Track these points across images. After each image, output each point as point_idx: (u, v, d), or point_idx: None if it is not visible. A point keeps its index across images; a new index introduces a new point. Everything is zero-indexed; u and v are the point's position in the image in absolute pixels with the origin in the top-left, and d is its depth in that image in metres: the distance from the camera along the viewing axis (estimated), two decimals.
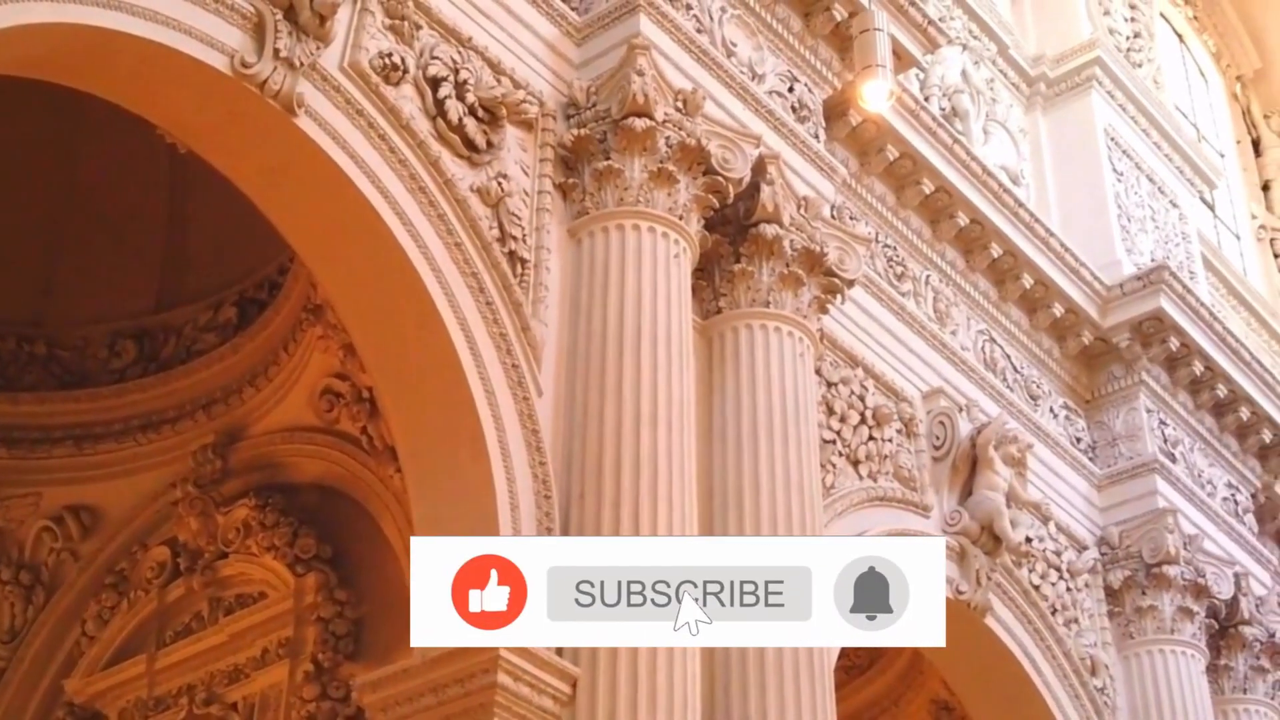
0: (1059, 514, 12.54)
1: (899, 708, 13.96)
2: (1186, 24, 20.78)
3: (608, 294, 8.85)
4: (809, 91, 10.79)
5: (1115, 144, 14.83)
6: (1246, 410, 14.14)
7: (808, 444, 9.55)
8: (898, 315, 11.78)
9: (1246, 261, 19.92)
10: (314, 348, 11.38)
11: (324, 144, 8.15)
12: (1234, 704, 13.15)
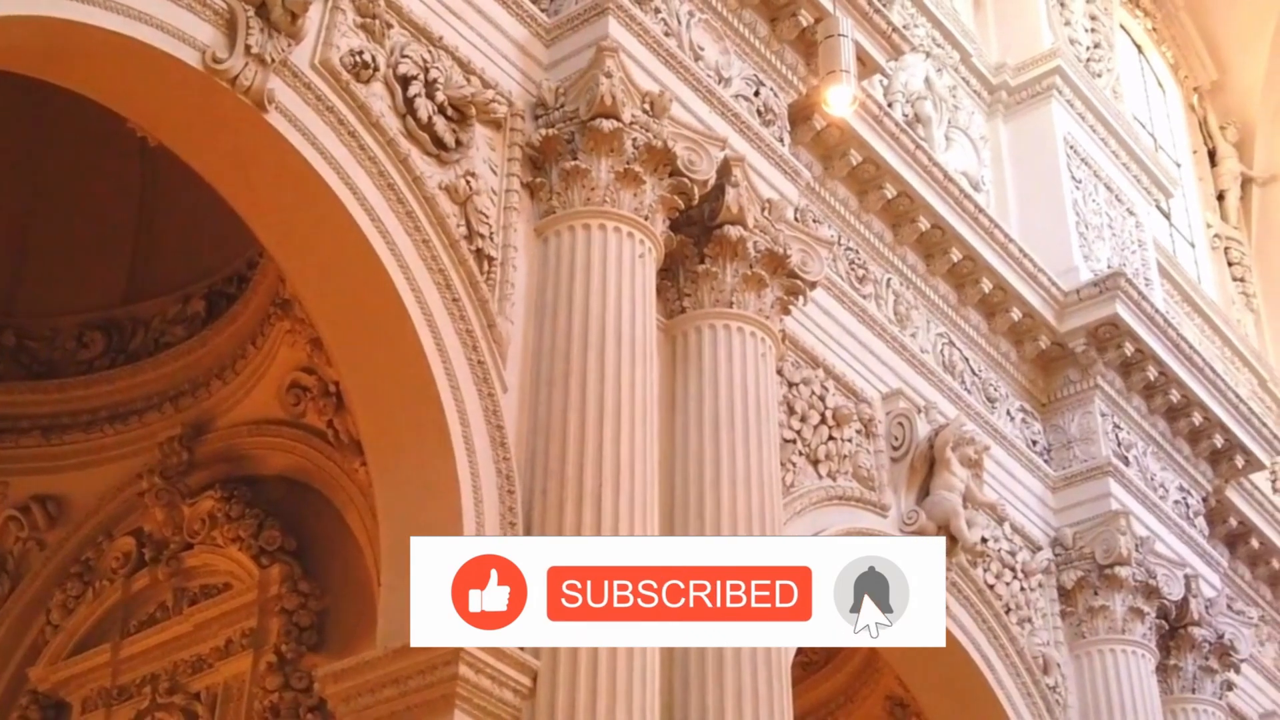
0: (1014, 515, 12.71)
1: (854, 704, 14.10)
2: (1145, 35, 21.00)
3: (573, 292, 8.96)
4: (774, 96, 10.93)
5: (1074, 152, 15.00)
6: (1199, 415, 14.33)
7: (768, 443, 9.67)
8: (859, 317, 11.93)
9: (1201, 269, 20.15)
10: (281, 341, 11.44)
11: (294, 140, 8.22)
12: (1182, 703, 13.33)
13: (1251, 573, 16.34)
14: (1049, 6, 15.77)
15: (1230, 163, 21.33)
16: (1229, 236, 21.02)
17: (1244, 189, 21.40)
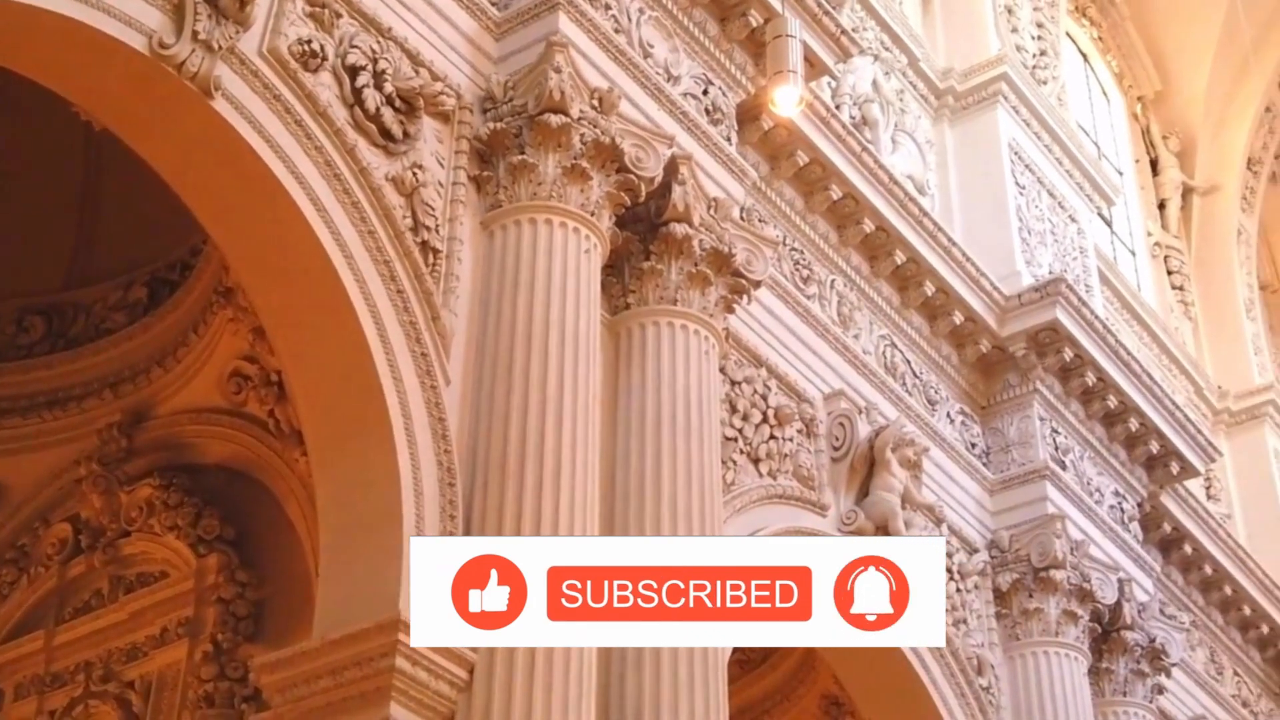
0: (952, 516, 12.80)
1: (790, 702, 14.17)
2: (1091, 44, 21.20)
3: (518, 286, 8.97)
4: (723, 95, 10.97)
5: (1018, 158, 15.13)
6: (1135, 421, 14.47)
7: (710, 440, 9.72)
8: (802, 318, 11.99)
9: (1141, 277, 20.37)
10: (224, 330, 11.38)
11: (240, 127, 8.19)
12: (1114, 706, 13.47)
13: (1184, 578, 16.54)
14: (996, 13, 15.89)
15: (1172, 172, 21.55)
16: (1169, 245, 21.24)
17: (1185, 198, 21.63)
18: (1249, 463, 19.92)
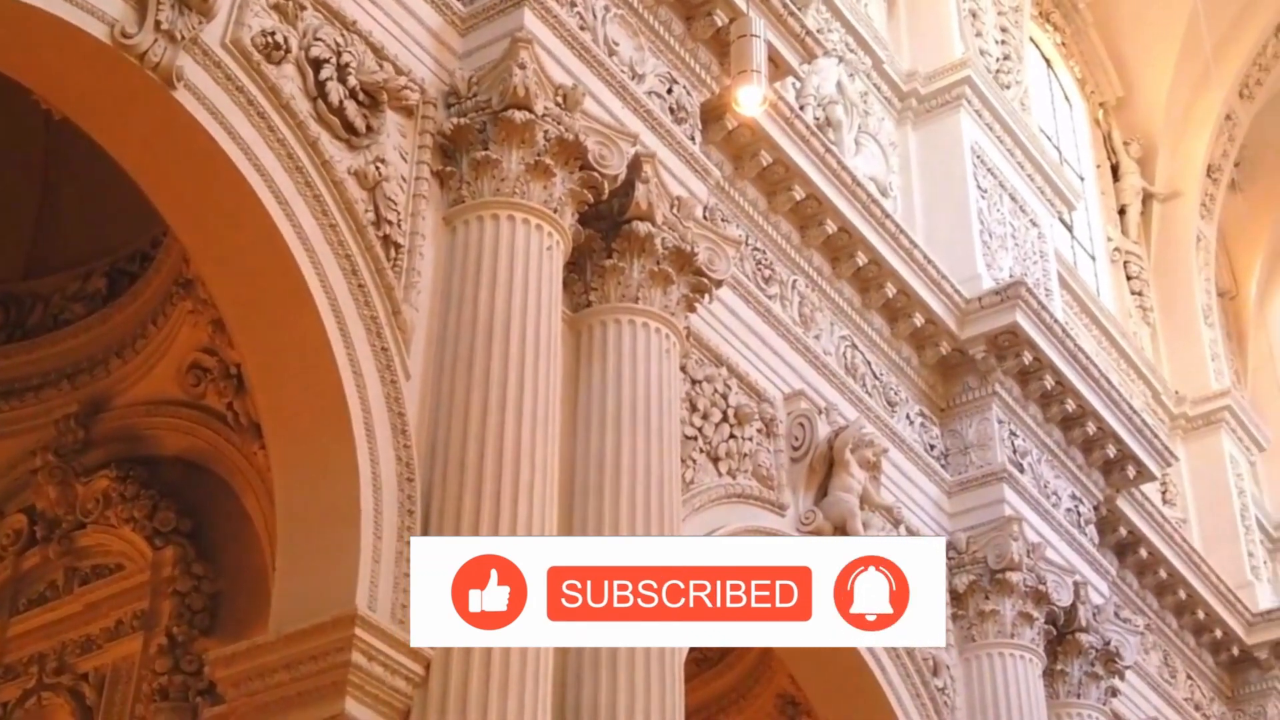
0: (910, 518, 12.85)
1: (747, 701, 14.20)
2: (1055, 50, 21.31)
3: (480, 282, 8.96)
4: (687, 94, 10.98)
5: (981, 162, 15.19)
6: (1093, 425, 14.56)
7: (669, 439, 9.73)
8: (763, 317, 12.02)
9: (1100, 282, 20.49)
10: (183, 322, 11.33)
11: (202, 119, 8.15)
12: (1067, 708, 13.54)
13: (1139, 581, 16.66)
14: (961, 17, 15.95)
15: (1133, 178, 21.69)
16: (1129, 251, 21.37)
17: (1145, 204, 21.77)
18: (1205, 468, 20.07)
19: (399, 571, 8.06)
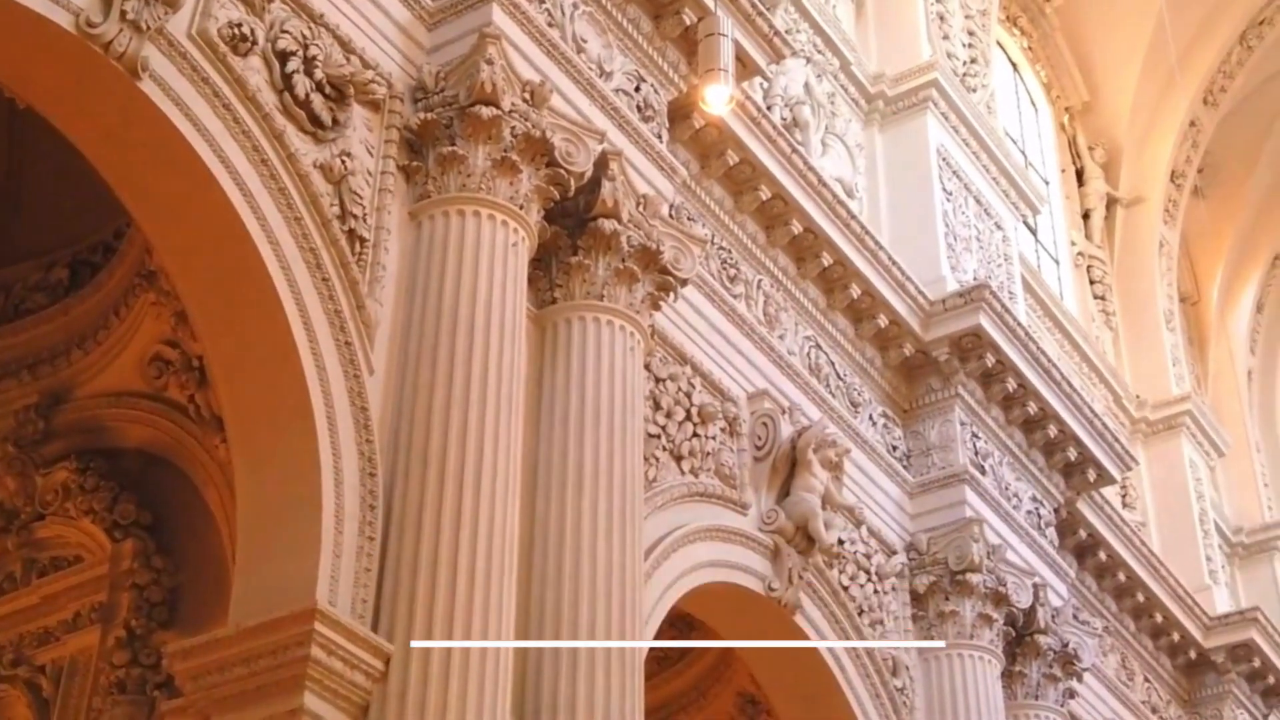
0: (871, 518, 12.90)
1: (706, 700, 14.20)
2: (1021, 54, 21.42)
3: (444, 278, 8.94)
4: (655, 92, 10.98)
5: (946, 164, 15.25)
6: (1054, 428, 14.63)
7: (633, 437, 9.73)
8: (728, 317, 12.04)
9: (1064, 286, 20.61)
10: (146, 313, 11.26)
11: (167, 110, 8.10)
12: (1025, 709, 13.60)
13: (1098, 584, 16.76)
14: (929, 20, 16.01)
15: (1097, 183, 21.81)
16: (1092, 255, 21.50)
17: (1109, 209, 21.91)
18: (1164, 472, 20.21)
19: (360, 566, 8.05)
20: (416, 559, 8.06)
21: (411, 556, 8.08)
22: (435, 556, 8.05)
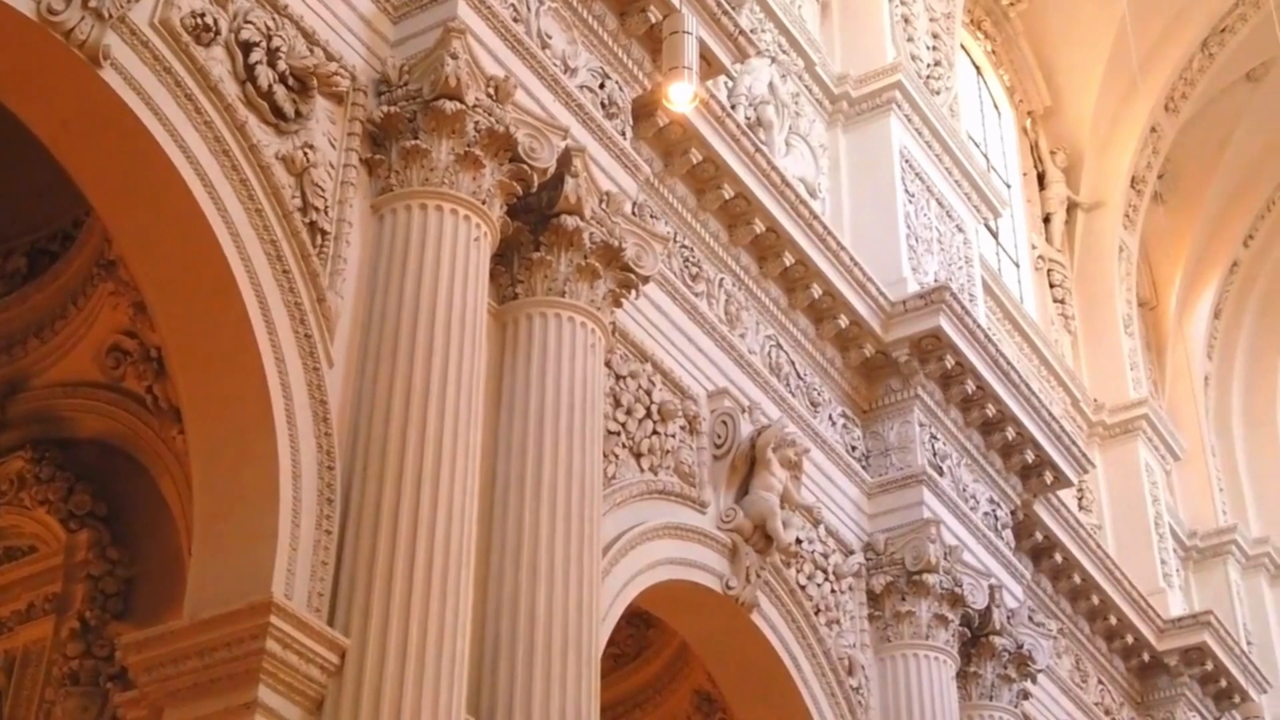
0: (829, 518, 12.94)
1: (663, 697, 14.21)
2: (985, 58, 21.52)
3: (406, 271, 8.92)
4: (619, 89, 10.99)
5: (909, 166, 15.30)
6: (1012, 430, 14.70)
7: (592, 433, 9.74)
8: (690, 315, 12.06)
9: (1023, 289, 20.71)
10: (104, 303, 11.19)
11: (128, 99, 8.05)
12: (980, 710, 13.67)
13: (1053, 586, 16.85)
14: (893, 22, 16.06)
15: (1058, 187, 21.93)
16: (1052, 259, 21.62)
17: (1069, 213, 22.03)
18: (1120, 475, 20.34)
19: (316, 559, 8.03)
20: (374, 553, 8.05)
21: (369, 550, 8.06)
22: (393, 551, 8.04)
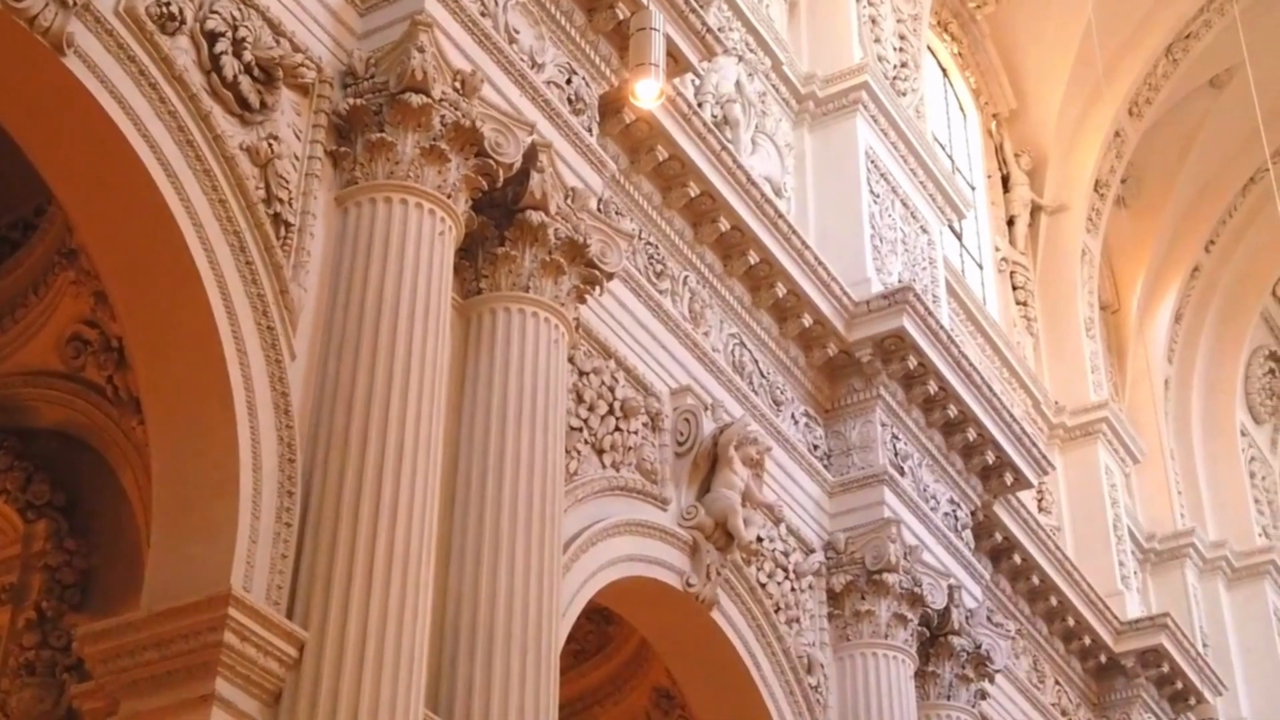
0: (791, 517, 12.97)
1: (622, 693, 14.21)
2: (951, 60, 21.59)
3: (370, 264, 8.90)
4: (586, 86, 10.98)
5: (874, 167, 15.34)
6: (973, 431, 14.76)
7: (554, 429, 9.74)
8: (654, 312, 12.06)
9: (987, 291, 20.79)
10: (65, 292, 11.12)
11: (91, 87, 7.99)
12: (937, 709, 13.72)
13: (1012, 587, 16.93)
14: (860, 23, 16.10)
15: (1022, 190, 22.02)
16: (1015, 261, 21.71)
17: (1033, 216, 22.12)
18: (1080, 478, 20.44)
19: (275, 553, 8.00)
20: (334, 546, 8.03)
21: (329, 543, 8.04)
22: (353, 544, 8.02)
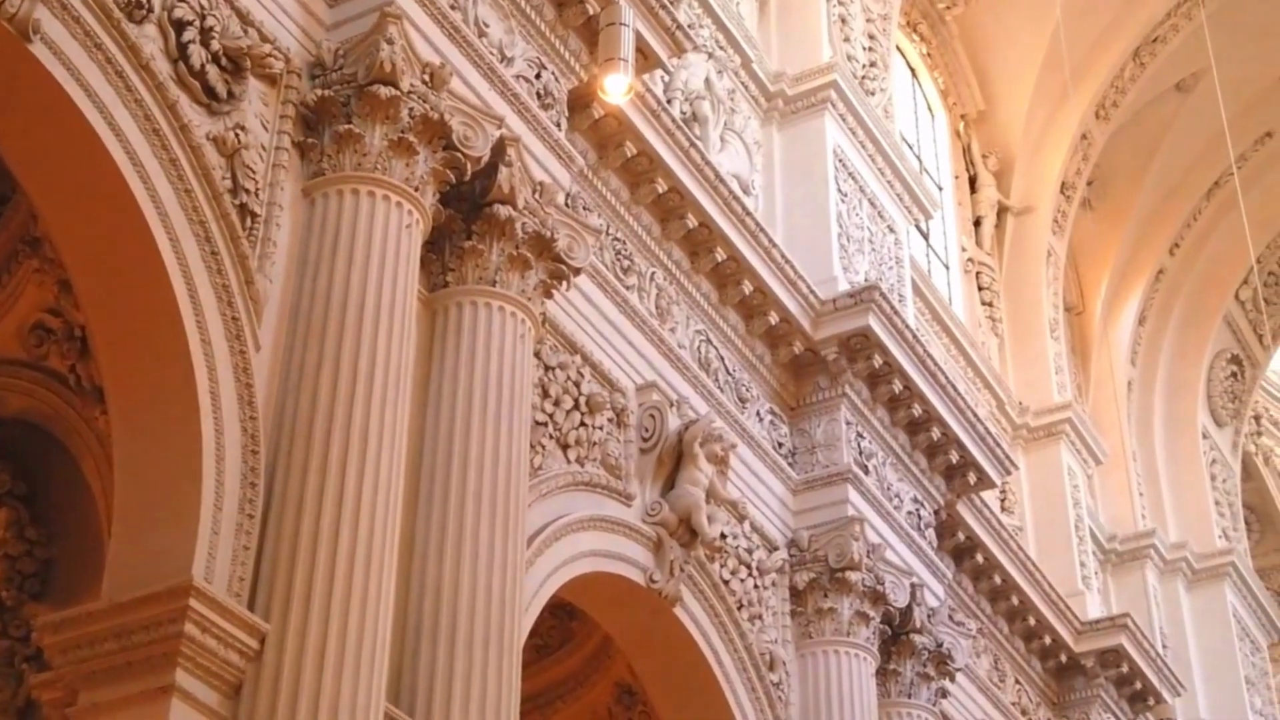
0: (754, 514, 12.99)
1: (584, 688, 14.20)
2: (920, 60, 21.66)
3: (336, 256, 8.88)
4: (555, 80, 10.98)
5: (842, 166, 15.37)
6: (938, 431, 14.81)
7: (519, 424, 9.73)
8: (620, 308, 12.07)
9: (952, 291, 20.86)
10: (28, 280, 11.03)
11: (58, 74, 7.95)
12: (898, 707, 13.77)
13: (974, 586, 17.01)
14: (830, 22, 16.13)
15: (989, 191, 22.10)
16: (981, 262, 21.79)
17: (999, 217, 22.21)
18: (1043, 478, 20.54)
19: (238, 544, 7.98)
20: (296, 538, 8.01)
21: (291, 535, 8.02)
22: (316, 536, 8.01)
